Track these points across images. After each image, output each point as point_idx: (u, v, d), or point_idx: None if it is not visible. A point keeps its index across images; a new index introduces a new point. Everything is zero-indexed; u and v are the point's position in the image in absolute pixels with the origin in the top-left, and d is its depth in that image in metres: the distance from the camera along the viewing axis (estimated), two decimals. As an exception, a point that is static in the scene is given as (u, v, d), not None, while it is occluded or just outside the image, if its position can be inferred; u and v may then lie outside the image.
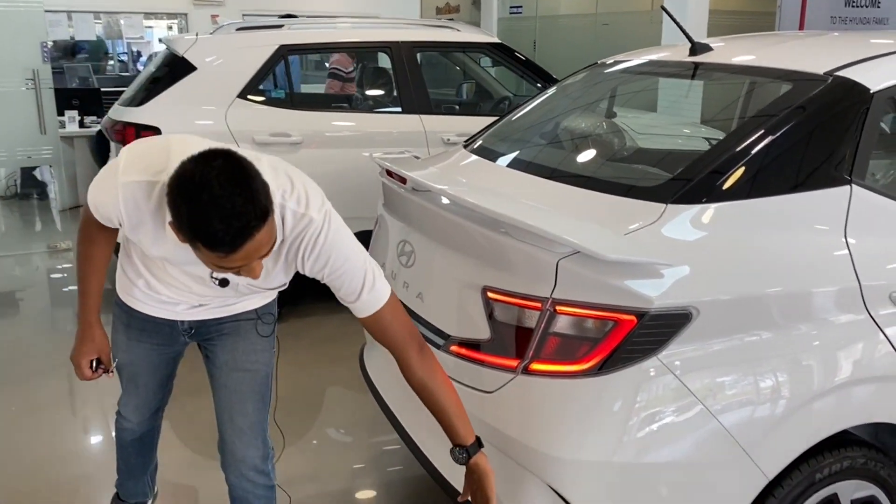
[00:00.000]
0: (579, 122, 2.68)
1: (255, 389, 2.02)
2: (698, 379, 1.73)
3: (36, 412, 3.47)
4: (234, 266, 1.50)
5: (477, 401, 1.90)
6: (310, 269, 1.71)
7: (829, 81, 2.01)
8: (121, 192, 1.63)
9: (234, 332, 1.99)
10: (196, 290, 1.90)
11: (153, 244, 1.72)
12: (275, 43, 4.34)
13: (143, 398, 2.18)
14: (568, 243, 1.70)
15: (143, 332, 2.03)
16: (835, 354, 1.83)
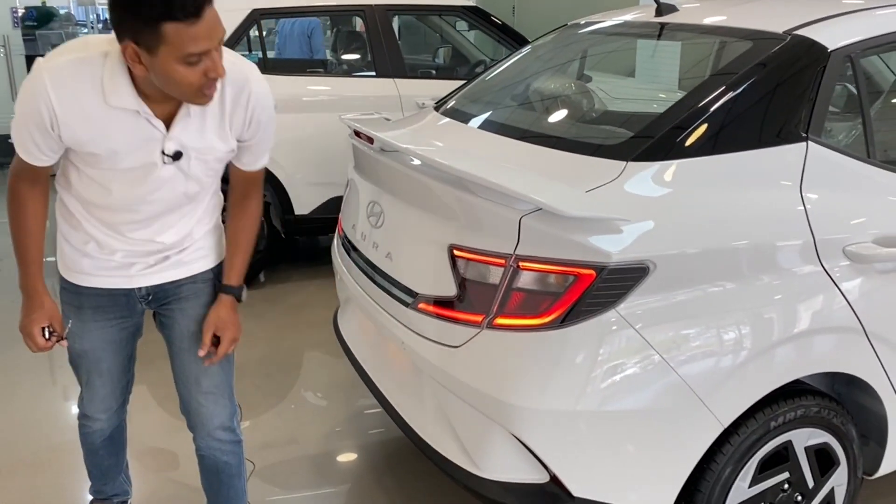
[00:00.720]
0: (548, 83, 2.71)
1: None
2: (655, 330, 1.79)
3: (15, 378, 3.49)
4: (202, 47, 1.53)
5: (444, 356, 1.95)
6: (248, 120, 1.78)
7: (788, 40, 2.04)
8: (48, 79, 1.61)
9: (192, 297, 1.96)
10: (147, 212, 1.82)
11: (96, 137, 1.67)
12: (247, 7, 4.30)
13: (109, 388, 2.07)
14: (530, 200, 1.74)
15: (98, 310, 1.95)
16: (787, 306, 1.89)
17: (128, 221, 1.84)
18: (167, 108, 1.69)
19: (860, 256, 1.94)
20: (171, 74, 1.56)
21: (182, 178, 1.79)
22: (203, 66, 1.57)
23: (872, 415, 2.16)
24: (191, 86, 1.59)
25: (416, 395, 2.15)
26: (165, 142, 1.71)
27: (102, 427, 2.13)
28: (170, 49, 1.52)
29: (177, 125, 1.71)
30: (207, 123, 1.74)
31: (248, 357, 3.74)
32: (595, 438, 1.83)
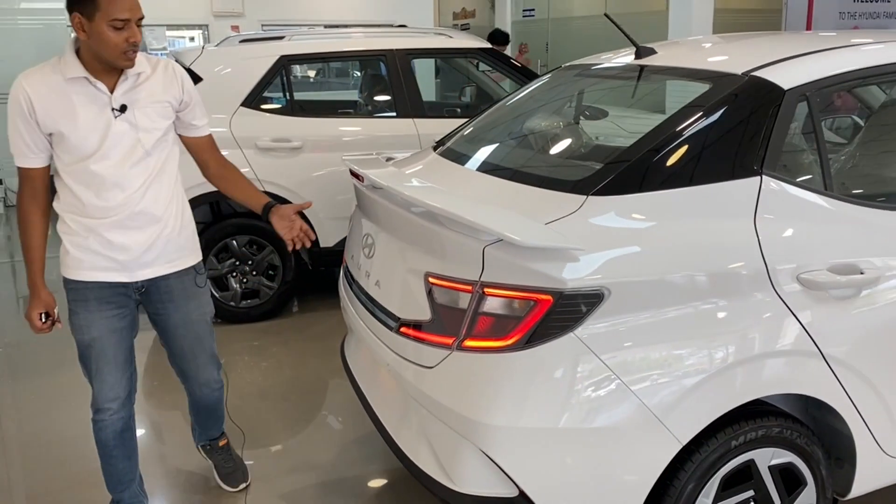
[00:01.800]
0: (535, 122, 2.87)
1: (206, 330, 2.60)
2: (612, 352, 1.92)
3: (56, 399, 3.76)
4: (126, 16, 2.11)
5: (420, 376, 2.11)
6: (186, 90, 2.40)
7: (745, 80, 2.18)
8: (22, 78, 2.22)
9: (180, 291, 2.47)
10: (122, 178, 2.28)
11: (62, 113, 2.20)
12: (275, 53, 4.59)
13: (116, 375, 2.43)
14: (490, 231, 1.90)
15: (102, 302, 2.37)
16: (741, 330, 2.00)
17: (110, 196, 2.28)
18: (109, 79, 2.26)
19: (814, 283, 2.04)
20: (102, 36, 2.14)
21: (133, 129, 2.29)
22: (126, 33, 2.15)
23: (844, 437, 2.23)
24: (116, 47, 2.16)
25: (401, 415, 2.30)
26: (111, 101, 2.26)
27: (113, 419, 2.46)
28: (102, 15, 2.11)
29: (118, 88, 2.27)
30: (145, 86, 2.31)
31: (273, 382, 3.96)
32: (557, 455, 1.96)
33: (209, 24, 9.55)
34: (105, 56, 2.19)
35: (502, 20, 11.50)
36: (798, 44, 2.43)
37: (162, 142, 2.36)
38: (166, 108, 2.36)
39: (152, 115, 2.32)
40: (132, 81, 2.29)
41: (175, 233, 2.43)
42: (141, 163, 2.31)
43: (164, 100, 2.35)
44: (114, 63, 2.21)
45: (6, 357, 4.33)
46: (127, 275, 2.38)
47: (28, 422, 3.53)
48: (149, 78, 2.32)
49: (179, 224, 2.44)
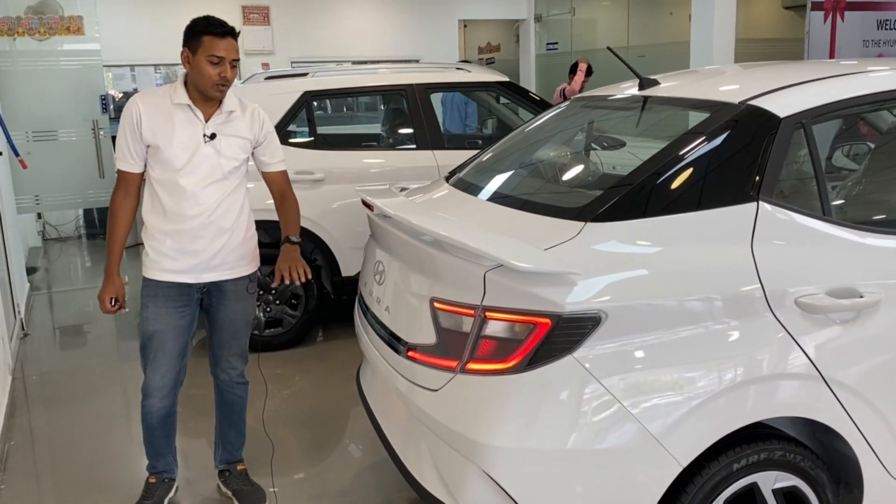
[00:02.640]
0: (544, 153, 2.95)
1: (245, 330, 2.98)
2: (610, 374, 1.96)
3: (83, 429, 3.88)
4: (221, 54, 2.56)
5: (426, 398, 2.17)
6: (266, 128, 2.83)
7: (742, 109, 2.23)
8: (138, 96, 2.70)
9: (233, 295, 2.86)
10: (201, 194, 2.69)
11: (163, 128, 2.64)
12: (299, 90, 4.75)
13: (168, 366, 2.82)
14: (491, 257, 1.97)
15: (169, 299, 2.78)
16: (739, 354, 2.03)
17: (186, 206, 2.69)
18: (207, 109, 2.70)
19: (813, 307, 2.07)
20: (200, 69, 2.59)
21: (216, 155, 2.70)
22: (219, 69, 2.59)
23: (851, 462, 2.23)
24: (210, 78, 2.59)
25: (409, 438, 2.36)
26: (205, 128, 2.68)
27: (158, 406, 2.86)
28: (203, 51, 2.58)
29: (213, 119, 2.70)
30: (233, 122, 2.74)
31: (294, 409, 4.03)
32: (558, 476, 2.00)
33: (240, 61, 9.84)
34: (200, 86, 2.63)
35: (527, 54, 11.67)
36: (801, 72, 2.48)
37: (238, 170, 2.78)
38: (246, 144, 2.79)
39: (234, 147, 2.74)
40: (224, 117, 2.72)
41: (238, 243, 2.83)
42: (218, 183, 2.72)
43: (246, 137, 2.77)
44: (207, 92, 2.64)
45: (40, 385, 4.47)
46: (193, 277, 2.78)
47: (61, 449, 3.64)
48: (238, 117, 2.75)
49: (243, 236, 2.85)
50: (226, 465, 3.12)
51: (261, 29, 9.89)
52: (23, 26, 6.12)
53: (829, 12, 8.10)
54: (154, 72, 9.29)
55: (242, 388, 3.07)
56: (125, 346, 5.20)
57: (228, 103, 2.72)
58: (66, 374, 4.63)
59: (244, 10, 9.82)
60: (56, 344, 5.38)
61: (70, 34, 6.19)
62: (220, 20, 2.63)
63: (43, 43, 6.47)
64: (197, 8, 10.37)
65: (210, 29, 2.58)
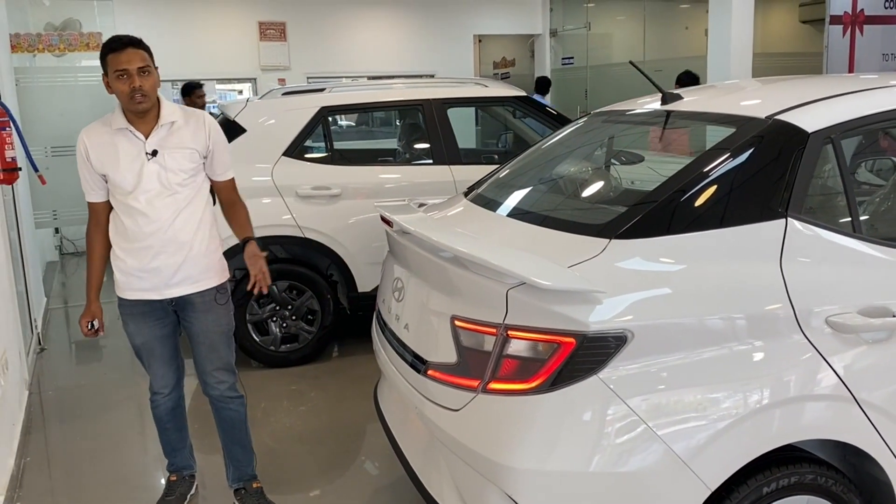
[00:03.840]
0: (564, 168, 2.92)
1: (223, 341, 2.94)
2: (637, 395, 1.91)
3: (99, 445, 3.86)
4: (123, 67, 2.57)
5: (447, 418, 2.13)
6: (214, 135, 2.79)
7: (769, 124, 2.19)
8: (84, 136, 2.72)
9: (202, 308, 2.86)
10: (154, 216, 2.70)
11: (108, 157, 2.68)
12: (316, 105, 4.74)
13: (164, 368, 2.97)
14: (513, 275, 1.94)
15: (144, 315, 2.86)
16: (769, 374, 1.98)
17: (140, 225, 2.70)
18: (146, 127, 2.71)
19: (844, 326, 2.01)
20: (115, 87, 2.62)
21: (162, 170, 2.70)
22: (128, 81, 2.59)
23: (883, 485, 2.17)
24: (123, 93, 2.60)
25: (428, 457, 2.32)
26: (146, 146, 2.69)
27: (165, 400, 3.02)
28: (110, 70, 2.62)
29: (152, 135, 2.70)
30: (175, 133, 2.73)
31: (308, 426, 4.00)
32: (582, 499, 1.94)
33: (257, 77, 9.92)
34: (122, 103, 2.66)
35: (542, 68, 11.67)
36: (826, 87, 2.44)
37: (189, 181, 2.76)
38: (193, 154, 2.76)
39: (179, 159, 2.73)
40: (165, 130, 2.72)
41: (200, 256, 2.80)
42: (170, 198, 2.73)
43: (191, 147, 2.75)
44: (128, 108, 2.65)
45: (57, 400, 4.46)
46: (158, 293, 2.81)
47: (77, 466, 3.63)
48: (180, 128, 2.74)
49: (205, 248, 2.82)
50: (240, 483, 3.08)
51: (277, 44, 9.96)
52: (43, 43, 6.17)
53: (847, 26, 8.05)
54: (171, 87, 9.33)
55: (237, 402, 3.03)
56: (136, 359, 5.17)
57: (166, 115, 2.71)
58: (82, 389, 4.62)
59: (261, 25, 9.89)
60: (72, 359, 5.38)
61: (90, 50, 6.24)
62: (119, 35, 2.65)
63: (61, 59, 6.54)
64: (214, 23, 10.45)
65: (109, 46, 2.62)
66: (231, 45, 9.79)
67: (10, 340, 3.88)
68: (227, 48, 9.77)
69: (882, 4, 8.24)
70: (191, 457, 3.21)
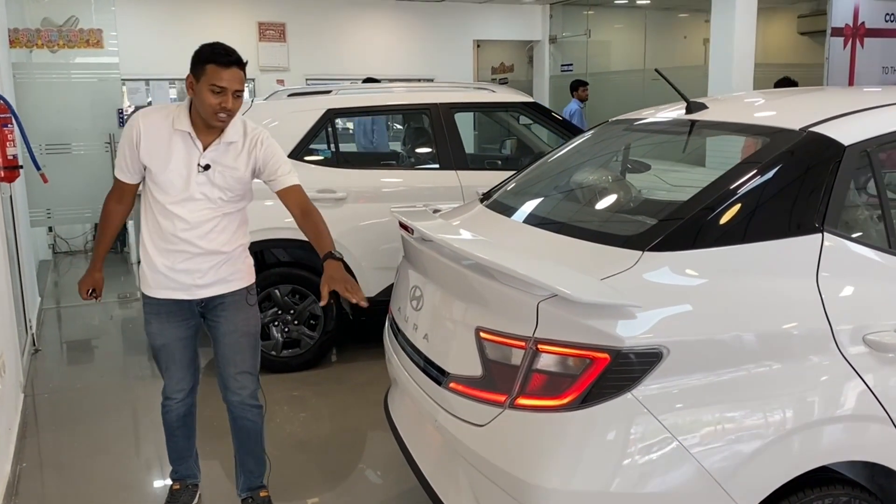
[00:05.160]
0: (585, 176, 2.86)
1: (250, 344, 2.88)
2: (671, 413, 1.86)
3: (96, 449, 3.76)
4: (223, 84, 2.49)
5: (471, 434, 2.06)
6: (265, 153, 2.68)
7: (804, 136, 2.14)
8: (140, 115, 2.66)
9: (232, 307, 2.81)
10: (192, 216, 2.64)
11: (160, 151, 2.60)
12: (322, 107, 4.67)
13: (181, 373, 2.89)
14: (546, 286, 1.87)
15: (170, 315, 2.79)
16: (805, 394, 1.92)
17: (181, 229, 2.65)
18: (207, 138, 2.64)
19: (882, 345, 1.97)
20: (202, 96, 2.52)
21: (209, 185, 2.65)
22: (220, 98, 2.51)
23: (914, 508, 2.13)
24: (211, 107, 2.52)
25: (448, 472, 2.25)
26: (201, 157, 2.63)
27: (178, 407, 2.94)
28: (206, 80, 2.51)
29: (210, 149, 2.64)
30: (231, 153, 2.66)
31: (312, 434, 3.92)
32: (613, 519, 1.88)
33: (256, 77, 9.82)
34: (202, 113, 2.57)
35: (540, 75, 11.65)
36: (856, 99, 2.40)
37: (233, 199, 2.72)
38: (243, 177, 2.71)
39: (229, 180, 2.68)
40: (223, 148, 2.65)
41: (234, 258, 2.78)
42: (210, 211, 2.68)
43: (240, 169, 2.68)
44: (207, 121, 2.58)
45: (52, 403, 4.36)
46: (189, 293, 2.76)
47: (73, 472, 3.53)
48: (237, 150, 2.67)
49: (237, 255, 2.80)
50: (248, 492, 3.01)
51: (276, 45, 9.87)
52: (42, 38, 6.07)
53: (848, 38, 8.07)
54: (169, 86, 9.23)
55: (255, 412, 2.95)
56: (135, 363, 5.10)
57: (230, 134, 2.64)
58: (77, 392, 4.52)
59: (260, 26, 9.81)
60: (67, 360, 5.27)
61: (90, 47, 6.14)
62: (226, 48, 2.54)
63: (57, 55, 6.42)
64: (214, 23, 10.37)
65: (215, 58, 2.50)
66: (230, 44, 9.63)
67: (7, 342, 3.78)
68: (226, 48, 9.66)
69: (883, 18, 8.27)
70: (196, 466, 3.13)
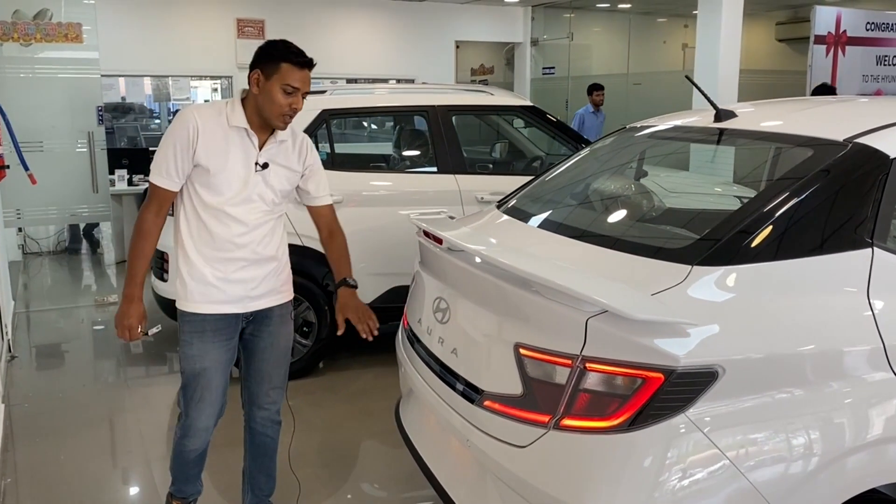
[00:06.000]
0: (608, 184, 2.78)
1: (287, 358, 2.78)
2: (726, 436, 1.78)
3: (80, 462, 3.59)
4: (297, 85, 2.38)
5: (510, 455, 1.96)
6: (312, 159, 2.63)
7: (849, 148, 2.09)
8: (195, 110, 2.46)
9: (278, 320, 2.69)
10: (245, 219, 2.49)
11: (217, 150, 2.42)
12: (317, 108, 4.54)
13: (215, 406, 2.65)
14: (597, 303, 1.78)
15: (216, 333, 2.57)
16: (858, 414, 1.86)
17: (234, 234, 2.50)
18: (262, 136, 2.50)
19: (934, 363, 1.91)
20: (272, 95, 2.38)
21: (264, 185, 2.51)
22: (291, 98, 2.39)
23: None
24: (281, 107, 2.40)
25: (478, 492, 2.15)
26: (258, 156, 2.49)
27: (199, 447, 2.69)
28: (278, 77, 2.37)
29: (266, 147, 2.51)
30: (284, 151, 2.56)
31: (307, 445, 3.78)
32: (664, 546, 1.80)
33: (233, 75, 9.61)
34: (267, 112, 2.42)
35: (521, 77, 11.60)
36: (891, 109, 2.35)
37: (282, 201, 2.62)
38: (294, 176, 2.61)
39: (282, 179, 2.56)
40: (277, 146, 2.53)
41: (282, 268, 2.68)
42: (266, 212, 2.55)
43: (294, 169, 2.59)
44: (271, 121, 2.45)
45: (33, 414, 4.14)
46: (241, 306, 2.59)
47: (62, 486, 3.36)
48: (289, 148, 2.57)
49: (285, 262, 2.70)
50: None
51: (255, 42, 9.55)
52: (19, 31, 5.82)
53: (831, 46, 8.15)
54: (144, 82, 8.98)
55: (276, 429, 2.86)
56: (116, 370, 4.91)
57: (282, 134, 2.53)
58: (59, 402, 4.32)
59: (238, 22, 9.60)
60: (45, 368, 5.05)
61: (68, 41, 5.90)
62: (299, 49, 2.42)
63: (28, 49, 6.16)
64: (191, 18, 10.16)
65: (290, 57, 2.38)
66: (208, 41, 9.47)
67: (-12, 350, 3.59)
68: (204, 44, 9.45)
69: (864, 26, 8.37)
70: (200, 482, 2.97)
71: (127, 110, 10.42)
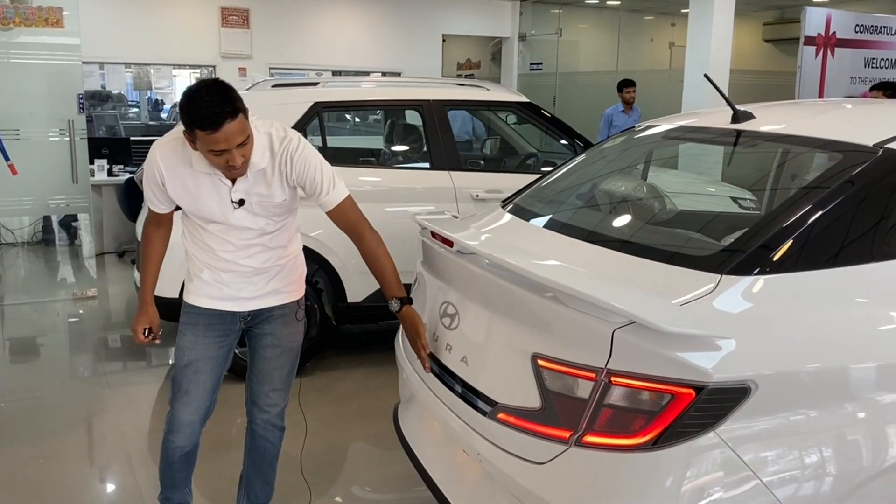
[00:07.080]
0: (620, 185, 2.69)
1: (291, 359, 2.68)
2: (758, 455, 1.69)
3: (55, 461, 3.44)
4: (221, 147, 2.13)
5: (527, 472, 1.86)
6: (297, 173, 2.34)
7: (880, 154, 2.01)
8: (158, 152, 2.35)
9: (280, 320, 2.59)
10: (237, 241, 2.41)
11: (186, 192, 2.34)
12: (309, 100, 4.40)
13: (200, 401, 2.54)
14: (625, 314, 1.69)
15: (209, 327, 2.52)
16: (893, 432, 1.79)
17: (228, 251, 2.44)
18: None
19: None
20: (206, 157, 2.23)
21: (251, 216, 2.39)
22: (225, 157, 2.18)
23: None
24: (219, 166, 2.24)
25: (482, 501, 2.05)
26: (232, 193, 2.33)
27: (184, 443, 2.57)
28: (201, 144, 2.17)
29: (238, 183, 2.33)
30: (262, 180, 2.34)
31: (297, 448, 3.66)
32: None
33: (217, 65, 9.41)
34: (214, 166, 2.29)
35: (508, 73, 11.50)
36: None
37: (280, 219, 2.46)
38: (283, 194, 2.40)
39: (268, 207, 2.39)
40: (252, 178, 2.33)
41: (286, 271, 2.57)
42: (256, 234, 2.44)
43: (279, 191, 2.37)
44: (223, 173, 2.31)
45: (12, 413, 3.98)
46: (235, 305, 2.52)
47: (44, 493, 3.20)
48: (269, 176, 2.34)
49: (290, 266, 2.59)
50: None
51: (239, 32, 9.48)
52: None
53: (820, 47, 8.13)
54: (125, 69, 8.76)
55: (277, 435, 2.75)
56: (96, 367, 4.74)
57: (257, 161, 2.28)
58: (39, 401, 4.15)
59: (223, 11, 9.40)
60: (21, 364, 4.87)
61: (48, 26, 5.70)
62: (211, 108, 2.09)
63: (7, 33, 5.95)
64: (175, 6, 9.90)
65: (201, 124, 2.10)
66: (191, 29, 9.25)
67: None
68: (187, 33, 9.22)
69: (853, 28, 8.37)
70: (189, 491, 2.84)
71: (105, 98, 10.17)
